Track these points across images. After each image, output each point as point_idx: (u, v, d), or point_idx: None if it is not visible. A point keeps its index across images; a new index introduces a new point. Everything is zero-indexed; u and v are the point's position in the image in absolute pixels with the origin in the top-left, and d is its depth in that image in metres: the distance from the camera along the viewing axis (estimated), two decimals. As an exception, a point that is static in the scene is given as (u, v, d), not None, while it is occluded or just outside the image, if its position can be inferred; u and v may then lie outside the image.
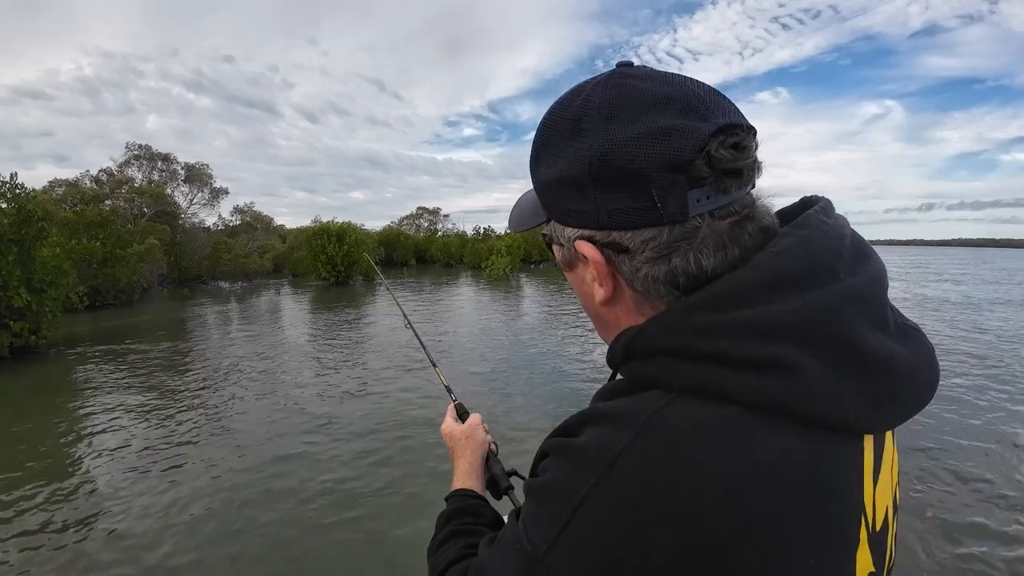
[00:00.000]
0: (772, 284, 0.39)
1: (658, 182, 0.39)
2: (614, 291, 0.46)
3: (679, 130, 0.39)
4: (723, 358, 0.38)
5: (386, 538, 3.55)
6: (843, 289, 0.40)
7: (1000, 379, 7.13)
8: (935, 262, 48.86)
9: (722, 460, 0.36)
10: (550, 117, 0.46)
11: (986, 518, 3.64)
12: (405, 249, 43.17)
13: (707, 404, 0.38)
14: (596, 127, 0.41)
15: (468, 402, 1.13)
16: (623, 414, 0.41)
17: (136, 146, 29.90)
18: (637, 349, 0.43)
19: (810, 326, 0.38)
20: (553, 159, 0.45)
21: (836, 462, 0.40)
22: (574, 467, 0.41)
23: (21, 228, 9.91)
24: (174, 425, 5.83)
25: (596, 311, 0.51)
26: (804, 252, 0.40)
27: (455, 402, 1.10)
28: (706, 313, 0.39)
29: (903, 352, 0.41)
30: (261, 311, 16.59)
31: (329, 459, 4.82)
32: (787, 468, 0.37)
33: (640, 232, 0.41)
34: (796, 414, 0.38)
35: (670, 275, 0.42)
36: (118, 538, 3.60)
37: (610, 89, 0.43)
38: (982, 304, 15.62)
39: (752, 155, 0.42)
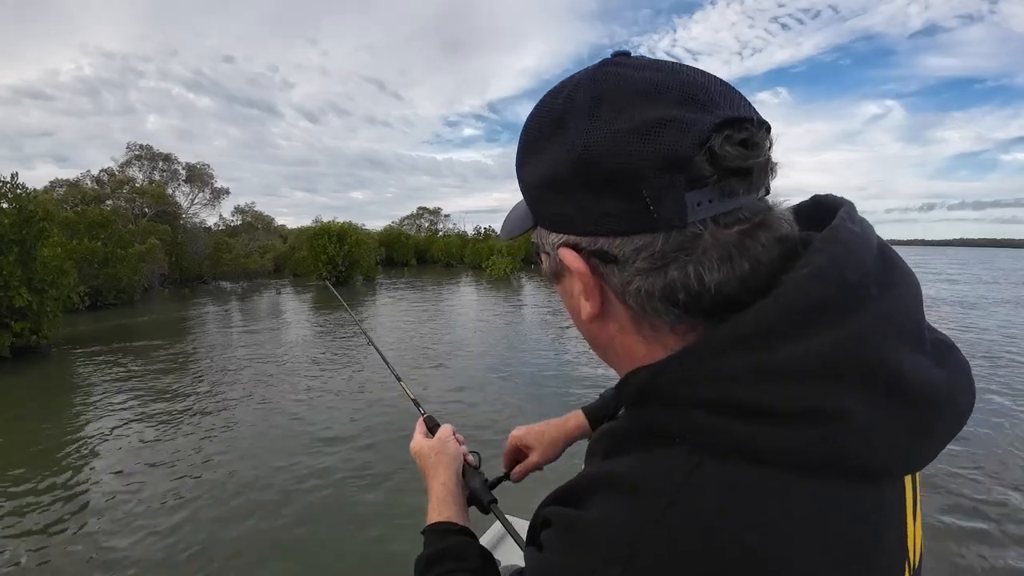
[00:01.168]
0: (806, 314, 0.33)
1: (650, 182, 0.34)
2: (602, 306, 0.40)
3: (675, 122, 0.34)
4: (760, 410, 0.33)
5: (386, 539, 3.55)
6: (878, 310, 0.34)
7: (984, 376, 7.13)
8: (933, 262, 48.98)
9: (770, 537, 0.32)
10: (533, 114, 0.41)
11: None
12: (406, 249, 43.18)
13: (743, 467, 0.34)
14: (579, 122, 0.36)
15: (469, 407, 1.08)
16: (644, 480, 0.35)
17: (137, 146, 29.96)
18: (656, 394, 0.37)
19: (850, 361, 0.33)
20: (536, 159, 0.40)
21: (884, 511, 0.37)
22: (586, 551, 0.35)
23: (22, 228, 9.92)
24: (174, 425, 5.83)
25: (586, 328, 0.45)
26: (838, 273, 0.34)
27: (423, 415, 1.01)
28: (737, 355, 0.34)
29: (942, 376, 0.36)
30: (262, 311, 16.60)
31: (329, 459, 4.81)
32: (837, 529, 0.34)
33: (631, 239, 0.36)
34: (843, 467, 0.34)
35: (667, 290, 0.36)
36: (118, 537, 3.60)
37: (596, 80, 0.38)
38: (975, 303, 15.63)
39: (765, 154, 0.35)
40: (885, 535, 0.37)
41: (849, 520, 0.35)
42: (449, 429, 0.93)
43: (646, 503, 0.34)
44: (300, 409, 6.32)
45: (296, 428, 5.66)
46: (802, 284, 0.34)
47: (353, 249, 26.00)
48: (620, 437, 0.41)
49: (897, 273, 0.37)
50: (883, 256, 0.38)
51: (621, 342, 0.42)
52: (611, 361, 0.46)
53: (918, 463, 0.37)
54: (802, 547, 0.33)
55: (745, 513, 0.33)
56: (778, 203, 0.38)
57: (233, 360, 9.13)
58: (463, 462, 0.88)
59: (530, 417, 5.73)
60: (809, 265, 0.34)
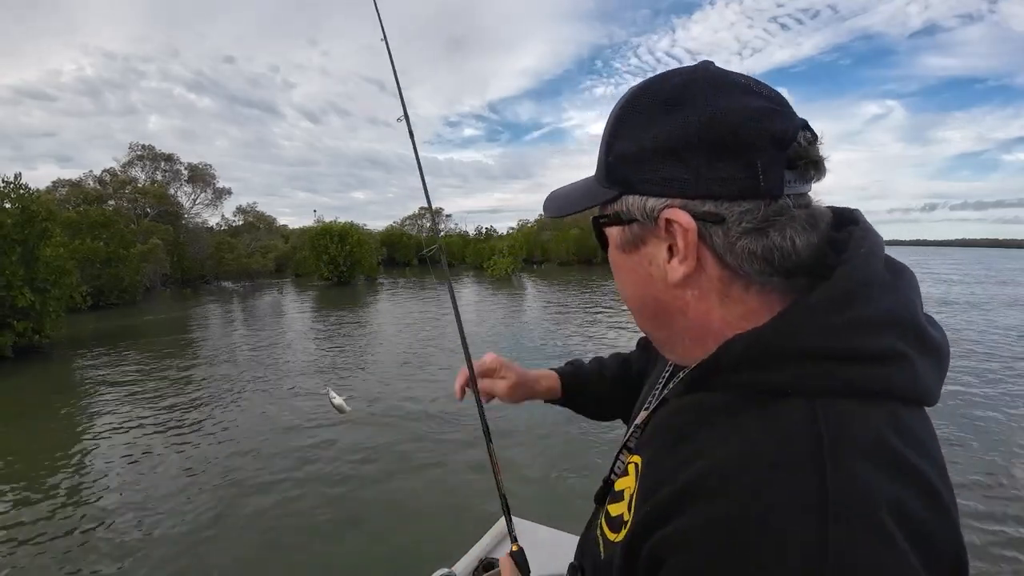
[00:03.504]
0: (871, 283, 0.41)
1: (764, 155, 0.40)
2: (696, 269, 0.43)
3: (782, 113, 0.41)
4: (860, 355, 0.39)
5: (386, 539, 3.55)
6: (905, 284, 0.44)
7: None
8: (931, 262, 49.08)
9: (910, 450, 0.38)
10: (637, 95, 0.46)
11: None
12: (407, 249, 43.23)
13: (866, 404, 0.38)
14: (703, 98, 0.42)
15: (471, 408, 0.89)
16: (791, 443, 0.37)
17: (139, 146, 30.03)
18: (764, 352, 0.40)
19: (904, 319, 0.41)
20: (642, 132, 0.44)
21: (932, 431, 0.44)
22: (782, 540, 0.34)
23: (25, 228, 9.95)
24: (175, 425, 5.84)
25: (657, 297, 0.47)
26: (880, 255, 0.44)
27: (513, 548, 0.80)
28: (835, 312, 0.39)
29: (941, 335, 0.45)
30: (264, 311, 16.62)
31: (330, 458, 4.82)
32: (932, 442, 0.41)
33: (739, 203, 0.41)
34: (913, 396, 0.41)
35: (767, 250, 0.41)
36: (119, 536, 3.61)
37: (709, 74, 0.44)
38: (959, 300, 15.63)
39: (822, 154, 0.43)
40: (945, 469, 0.43)
41: (932, 440, 0.42)
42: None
43: (808, 466, 0.35)
44: (302, 409, 6.33)
45: (298, 428, 5.66)
46: (864, 260, 0.42)
47: (355, 249, 26.03)
48: (712, 409, 0.43)
49: (898, 264, 0.46)
50: (885, 255, 0.46)
51: (696, 308, 0.45)
52: (673, 334, 0.48)
53: (938, 398, 0.44)
54: (927, 460, 0.38)
55: (887, 434, 0.38)
56: (818, 201, 0.45)
57: (235, 360, 9.15)
58: None
59: (531, 414, 5.73)
60: (863, 247, 0.43)
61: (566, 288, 21.57)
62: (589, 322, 12.63)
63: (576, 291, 20.17)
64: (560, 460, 4.68)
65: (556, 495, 4.00)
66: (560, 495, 3.99)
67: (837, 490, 0.34)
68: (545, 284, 24.31)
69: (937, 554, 0.36)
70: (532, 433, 5.25)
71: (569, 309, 14.94)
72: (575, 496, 3.90)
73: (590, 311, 14.42)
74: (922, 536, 0.35)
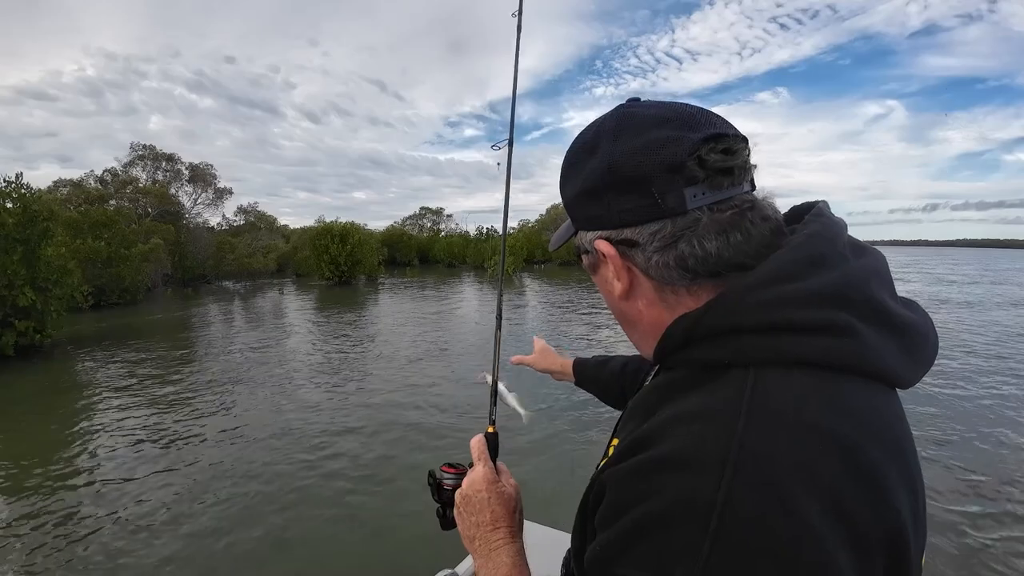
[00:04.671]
0: (811, 261, 0.44)
1: (658, 182, 0.45)
2: (631, 284, 0.51)
3: (673, 139, 0.46)
4: (793, 326, 0.41)
5: (386, 538, 3.55)
6: (861, 264, 0.46)
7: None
8: (928, 262, 49.24)
9: (834, 417, 0.39)
10: (573, 146, 0.54)
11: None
12: (408, 249, 43.22)
13: (794, 372, 0.41)
14: (606, 145, 0.49)
15: (474, 407, 0.91)
16: (714, 404, 0.41)
17: (141, 146, 30.01)
18: (702, 331, 0.44)
19: (851, 293, 0.43)
20: (575, 177, 0.53)
21: (898, 405, 0.46)
22: (687, 478, 0.38)
23: (26, 228, 9.96)
24: (176, 425, 5.85)
25: (619, 308, 0.55)
26: (829, 235, 0.46)
27: (490, 428, 0.85)
28: (764, 289, 0.43)
29: (914, 317, 0.47)
30: (265, 311, 16.63)
31: (332, 457, 4.82)
32: (876, 416, 0.42)
33: (647, 226, 0.47)
34: (860, 370, 0.42)
35: (679, 259, 0.46)
36: (120, 535, 3.61)
37: (617, 117, 0.50)
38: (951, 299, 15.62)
39: (742, 157, 0.47)
40: (907, 434, 0.45)
41: (890, 417, 0.43)
42: (500, 467, 0.78)
43: (725, 421, 0.39)
44: (303, 408, 6.33)
45: (299, 427, 5.66)
46: (805, 241, 0.45)
47: (356, 249, 26.03)
48: (669, 385, 0.48)
49: (865, 248, 0.49)
50: (852, 241, 0.49)
51: (648, 315, 0.52)
52: (639, 336, 0.55)
53: (910, 381, 0.46)
54: (868, 433, 0.40)
55: (817, 402, 0.40)
56: (764, 196, 0.50)
57: (236, 360, 9.15)
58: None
59: (534, 416, 5.73)
60: (807, 229, 0.47)
61: (567, 287, 21.56)
62: (588, 321, 12.63)
63: (577, 290, 20.17)
64: (561, 461, 4.68)
65: (558, 495, 3.99)
66: (561, 495, 3.98)
67: (741, 448, 0.37)
68: (546, 283, 24.31)
69: (858, 528, 0.36)
70: (535, 434, 5.25)
71: (569, 308, 14.94)
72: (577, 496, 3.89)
73: (590, 310, 14.41)
74: (836, 505, 0.36)
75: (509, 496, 0.71)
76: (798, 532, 0.34)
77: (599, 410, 6.01)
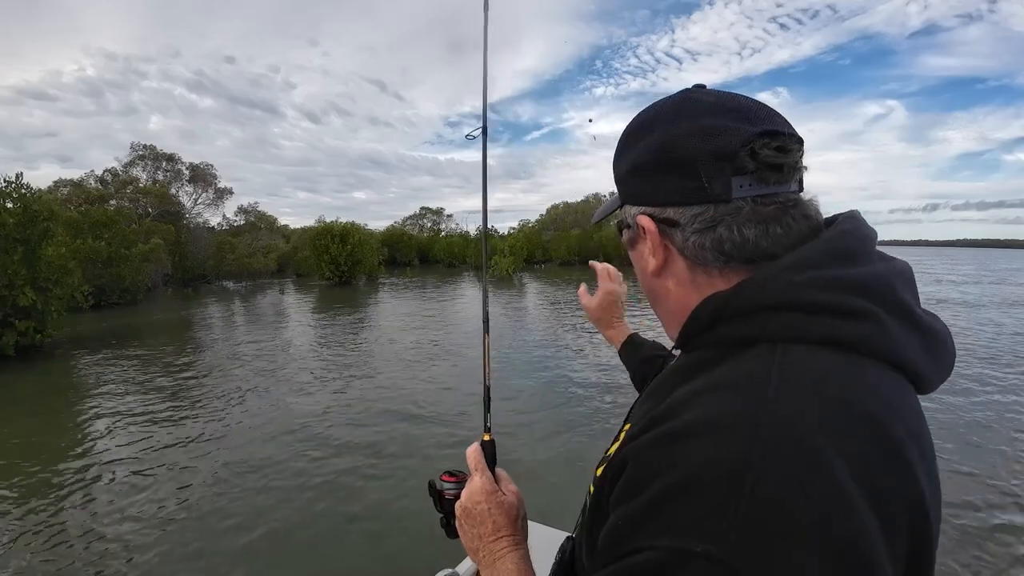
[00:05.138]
0: (843, 254, 0.45)
1: (707, 167, 0.47)
2: (665, 261, 0.52)
3: (729, 129, 0.47)
4: (821, 307, 0.42)
5: (387, 538, 3.55)
6: (889, 266, 0.47)
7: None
8: (928, 261, 49.50)
9: (860, 393, 0.40)
10: (632, 123, 0.55)
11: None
12: (408, 249, 43.20)
13: (821, 350, 0.42)
14: (663, 125, 0.50)
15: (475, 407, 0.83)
16: (742, 375, 0.41)
17: (141, 146, 29.97)
18: (731, 310, 0.46)
19: (880, 288, 0.44)
20: (629, 152, 0.54)
21: (916, 406, 0.45)
22: (716, 441, 0.37)
23: (27, 228, 9.96)
24: (177, 425, 5.85)
25: (650, 284, 0.56)
26: (860, 235, 0.48)
27: (485, 436, 0.81)
28: (794, 272, 0.44)
29: (936, 324, 0.48)
30: (266, 311, 16.63)
31: (333, 457, 4.82)
32: (907, 407, 0.43)
33: (690, 208, 0.48)
34: (885, 358, 0.43)
35: (716, 242, 0.48)
36: (121, 535, 3.61)
37: (678, 100, 0.52)
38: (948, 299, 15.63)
39: (794, 157, 0.48)
40: (928, 437, 0.45)
41: (911, 406, 0.44)
42: (503, 476, 0.75)
43: (753, 387, 0.40)
44: (304, 408, 6.33)
45: (300, 428, 5.66)
46: (838, 235, 0.47)
47: (356, 249, 26.03)
48: (692, 365, 0.48)
49: (893, 258, 0.50)
50: (878, 250, 0.50)
51: (676, 294, 0.53)
52: (666, 314, 0.57)
53: (933, 381, 0.46)
54: (891, 412, 0.40)
55: (844, 377, 0.40)
56: (811, 197, 0.51)
57: (236, 359, 9.16)
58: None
59: (525, 413, 5.73)
60: (840, 226, 0.48)
61: (567, 287, 21.55)
62: (587, 321, 12.60)
63: (577, 290, 20.13)
64: (562, 458, 4.68)
65: (558, 494, 3.99)
66: (562, 493, 3.98)
67: (771, 411, 0.37)
68: (547, 283, 24.30)
69: (883, 496, 0.36)
70: (538, 434, 5.25)
71: (570, 307, 14.93)
72: (580, 492, 3.89)
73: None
74: (864, 470, 0.36)
75: (510, 504, 0.70)
76: (831, 494, 0.34)
77: (601, 407, 6.01)
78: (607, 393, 6.69)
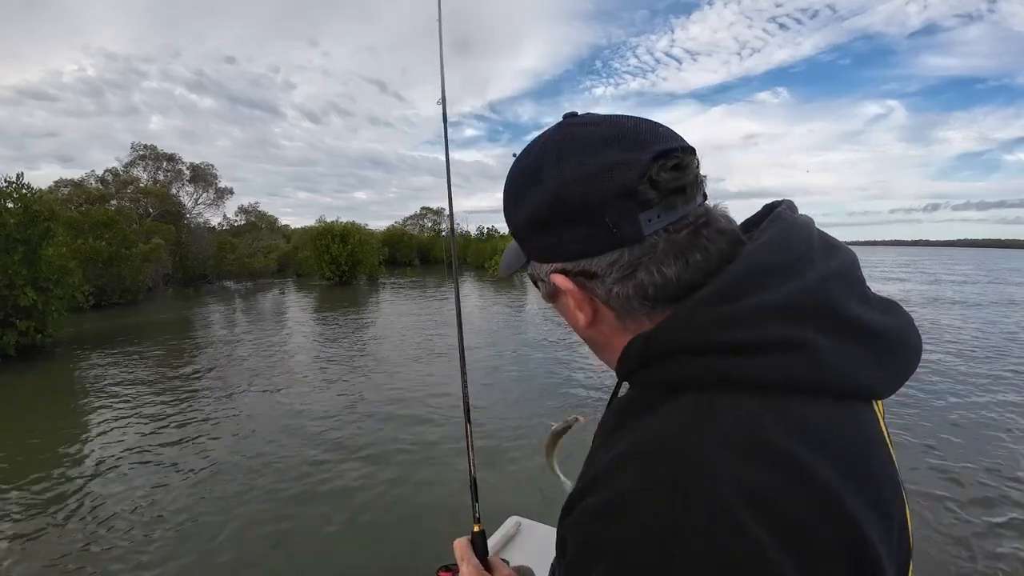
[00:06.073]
0: (763, 272, 0.42)
1: (610, 210, 0.43)
2: (594, 314, 0.49)
3: (621, 163, 0.43)
4: (740, 346, 0.40)
5: (387, 538, 3.55)
6: (825, 269, 0.44)
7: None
8: (926, 261, 49.61)
9: (782, 438, 0.37)
10: (514, 171, 0.51)
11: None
12: (409, 249, 43.21)
13: (742, 394, 0.39)
14: (550, 171, 0.46)
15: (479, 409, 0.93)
16: (666, 432, 0.40)
17: (141, 146, 29.98)
18: (652, 353, 0.44)
19: (807, 305, 0.41)
20: (520, 205, 0.49)
21: (869, 424, 0.43)
22: (642, 510, 0.37)
23: (27, 228, 9.97)
24: (177, 425, 5.85)
25: (586, 334, 0.54)
26: (785, 242, 0.44)
27: (475, 530, 0.82)
28: (711, 308, 0.41)
29: (889, 321, 0.45)
30: (266, 311, 16.64)
31: (332, 457, 4.82)
32: (832, 434, 0.40)
33: (604, 257, 0.45)
34: (819, 387, 0.40)
35: (639, 288, 0.45)
36: (121, 536, 3.61)
37: (558, 139, 0.47)
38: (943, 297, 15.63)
39: (693, 171, 0.45)
40: (882, 443, 0.43)
41: (851, 433, 0.41)
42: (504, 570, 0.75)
43: (677, 449, 0.38)
44: (305, 408, 6.33)
45: (301, 428, 5.66)
46: (759, 251, 0.44)
47: (356, 249, 26.04)
48: (627, 407, 0.47)
49: (836, 249, 0.47)
50: (823, 239, 0.47)
51: (611, 339, 0.51)
52: (609, 358, 0.53)
53: (884, 390, 0.44)
54: (816, 449, 0.38)
55: (764, 424, 0.38)
56: (716, 205, 0.47)
57: (237, 360, 9.16)
58: None
59: (527, 412, 5.73)
60: (761, 238, 0.45)
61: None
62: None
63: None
64: (564, 462, 4.68)
65: (560, 496, 3.99)
66: (562, 492, 3.98)
67: (685, 476, 0.36)
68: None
69: (813, 548, 0.35)
70: (539, 436, 5.25)
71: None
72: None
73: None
74: (788, 526, 0.35)
75: None
76: (749, 553, 0.34)
77: (603, 404, 6.00)
78: (607, 393, 6.67)
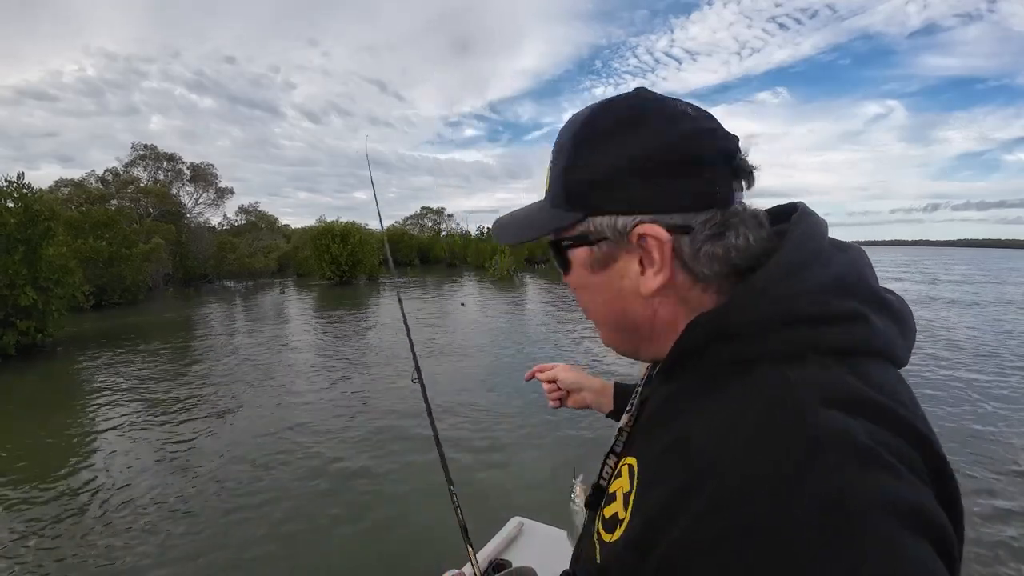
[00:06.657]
0: (816, 256, 0.44)
1: (716, 171, 0.45)
2: (671, 277, 0.46)
3: (723, 134, 0.46)
4: (818, 318, 0.41)
5: (390, 540, 3.55)
6: (850, 256, 0.47)
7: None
8: (926, 261, 49.79)
9: (877, 395, 0.38)
10: (595, 118, 0.48)
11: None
12: (409, 249, 43.21)
13: (827, 359, 0.40)
14: (658, 122, 0.45)
15: (475, 408, 0.95)
16: (763, 410, 0.37)
17: (142, 146, 29.95)
18: (725, 329, 0.43)
19: (856, 284, 0.44)
20: (603, 154, 0.46)
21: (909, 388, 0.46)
22: (798, 480, 0.33)
23: (27, 228, 9.97)
24: (178, 425, 5.85)
25: (627, 309, 0.50)
26: (820, 233, 0.47)
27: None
28: (784, 282, 0.42)
29: (897, 301, 0.48)
30: (266, 310, 16.63)
31: (336, 457, 4.82)
32: (904, 391, 0.43)
33: (700, 214, 0.45)
34: (880, 354, 0.43)
35: (726, 250, 0.45)
36: (121, 536, 3.61)
37: (653, 98, 0.48)
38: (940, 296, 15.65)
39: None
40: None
41: (909, 395, 0.43)
42: None
43: (779, 431, 0.35)
44: (307, 408, 6.33)
45: (302, 428, 5.66)
46: (800, 240, 0.45)
47: (356, 249, 26.04)
48: (700, 390, 0.44)
49: (848, 245, 0.49)
50: (831, 238, 0.49)
51: (662, 313, 0.49)
52: (641, 338, 0.51)
53: (907, 359, 0.46)
54: (904, 403, 0.40)
55: (859, 386, 0.38)
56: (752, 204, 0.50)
57: (237, 359, 9.16)
58: None
59: (528, 411, 5.73)
60: (800, 228, 0.46)
61: (567, 286, 21.52)
62: (585, 319, 12.59)
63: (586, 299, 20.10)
64: (562, 455, 4.68)
65: (558, 491, 3.99)
66: (562, 491, 3.98)
67: (818, 436, 0.34)
68: (547, 283, 24.29)
69: (922, 478, 0.36)
70: (541, 436, 5.24)
71: (569, 306, 14.92)
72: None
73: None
74: (909, 466, 0.35)
75: None
76: (916, 494, 0.34)
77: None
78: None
